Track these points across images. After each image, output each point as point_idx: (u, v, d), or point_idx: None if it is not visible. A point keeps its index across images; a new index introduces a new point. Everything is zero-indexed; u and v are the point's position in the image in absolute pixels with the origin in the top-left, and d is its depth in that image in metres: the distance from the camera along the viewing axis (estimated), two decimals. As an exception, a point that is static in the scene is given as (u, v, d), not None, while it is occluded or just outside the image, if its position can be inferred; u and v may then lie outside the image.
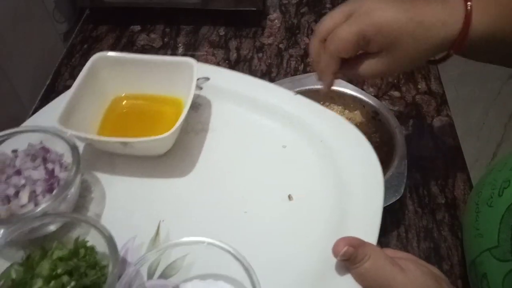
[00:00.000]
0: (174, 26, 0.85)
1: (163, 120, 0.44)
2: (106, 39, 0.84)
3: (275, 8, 0.89)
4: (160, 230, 0.40)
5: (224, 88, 0.50)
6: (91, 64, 0.46)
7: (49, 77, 0.78)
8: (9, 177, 0.38)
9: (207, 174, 0.44)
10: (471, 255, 0.47)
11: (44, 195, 0.37)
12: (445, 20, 0.38)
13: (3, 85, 0.66)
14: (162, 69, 0.47)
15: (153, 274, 0.36)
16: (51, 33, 0.80)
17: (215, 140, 0.47)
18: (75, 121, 0.42)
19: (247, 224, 0.40)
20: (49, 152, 0.41)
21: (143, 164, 0.45)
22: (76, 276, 0.33)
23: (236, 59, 0.79)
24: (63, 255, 0.34)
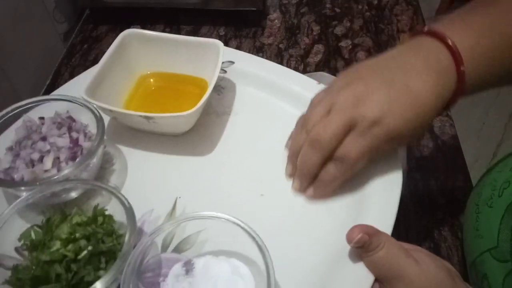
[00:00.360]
0: (174, 26, 0.85)
1: (187, 100, 0.44)
2: (106, 39, 0.84)
3: (275, 8, 0.89)
4: (177, 206, 0.40)
5: (248, 72, 0.50)
6: (120, 40, 0.47)
7: (49, 77, 0.78)
8: (34, 142, 0.39)
9: (226, 155, 0.45)
10: (471, 256, 0.47)
11: (67, 162, 0.38)
12: (442, 92, 0.37)
13: (3, 85, 0.66)
14: (189, 49, 0.48)
15: (167, 247, 0.37)
16: (51, 33, 0.80)
17: (236, 123, 0.47)
18: (102, 94, 0.42)
19: (263, 206, 0.40)
20: (74, 122, 0.41)
21: (164, 141, 0.45)
22: (93, 241, 0.33)
23: (236, 59, 0.79)
24: (82, 221, 0.34)
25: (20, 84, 0.70)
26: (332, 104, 0.38)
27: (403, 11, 0.87)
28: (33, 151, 0.38)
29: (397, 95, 0.36)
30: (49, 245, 0.33)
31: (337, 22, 0.85)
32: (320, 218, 0.39)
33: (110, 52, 0.45)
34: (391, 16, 0.86)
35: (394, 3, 0.89)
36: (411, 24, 0.84)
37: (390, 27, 0.83)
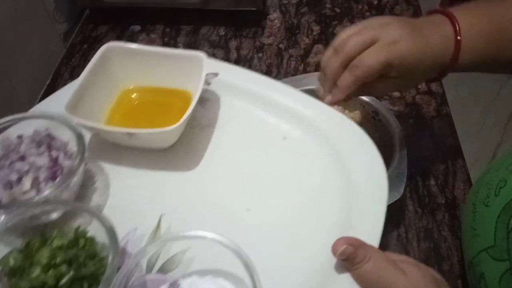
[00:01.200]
0: (174, 26, 0.86)
1: (170, 113, 0.44)
2: (106, 39, 0.84)
3: (275, 8, 0.89)
4: (161, 223, 0.39)
5: (233, 84, 0.49)
6: (101, 53, 0.45)
7: (49, 77, 0.78)
8: (12, 162, 0.38)
9: (210, 170, 0.44)
10: (469, 255, 0.47)
11: (46, 182, 0.37)
12: (443, 51, 0.44)
13: (3, 85, 0.66)
14: (172, 62, 0.47)
15: (152, 267, 0.36)
16: (51, 33, 0.80)
17: (220, 136, 0.47)
18: (83, 109, 0.41)
19: (249, 222, 0.40)
20: (54, 140, 0.40)
21: (147, 157, 0.45)
22: (75, 266, 0.32)
23: (236, 59, 0.79)
24: (63, 244, 0.33)
25: (20, 84, 0.70)
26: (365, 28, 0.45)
27: (403, 11, 0.87)
28: (11, 172, 0.37)
29: (415, 34, 0.44)
30: (28, 271, 0.32)
31: (337, 22, 0.85)
32: (307, 231, 0.38)
33: (90, 66, 0.44)
34: (391, 16, 0.86)
35: (394, 3, 0.89)
36: (411, 24, 0.84)
37: None
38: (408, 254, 0.53)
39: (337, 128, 0.44)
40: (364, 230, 0.36)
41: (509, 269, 0.39)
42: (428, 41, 0.44)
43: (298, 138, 0.45)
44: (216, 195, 0.42)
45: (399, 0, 0.89)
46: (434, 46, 0.44)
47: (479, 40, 0.44)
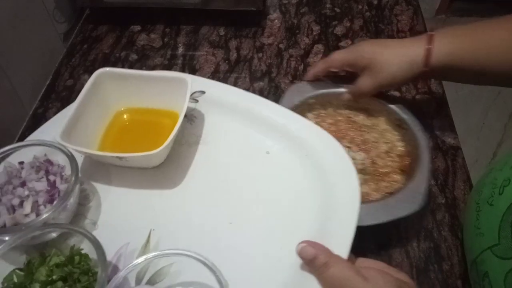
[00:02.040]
0: (174, 26, 0.86)
1: (161, 133, 0.46)
2: (106, 39, 0.84)
3: (275, 8, 0.89)
4: (151, 238, 0.42)
5: (219, 101, 0.51)
6: (93, 79, 0.48)
7: (49, 77, 0.78)
8: (15, 187, 0.41)
9: (197, 186, 0.46)
10: (472, 254, 0.47)
11: (45, 205, 0.40)
12: (412, 59, 0.53)
13: (3, 85, 0.66)
14: (160, 84, 0.49)
15: (141, 279, 0.38)
16: (51, 33, 0.80)
17: (206, 153, 0.49)
18: (77, 135, 0.44)
19: (231, 234, 0.42)
20: (52, 165, 0.43)
21: (137, 175, 0.47)
22: (70, 281, 0.35)
23: (236, 59, 0.79)
24: (60, 262, 0.37)
25: (20, 84, 0.70)
26: None
27: (403, 11, 0.87)
28: (13, 197, 0.40)
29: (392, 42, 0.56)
30: (31, 285, 0.35)
31: (337, 22, 0.85)
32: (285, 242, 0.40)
33: (84, 93, 0.46)
34: (391, 16, 0.86)
35: (394, 3, 0.89)
36: (411, 24, 0.84)
37: (390, 27, 0.83)
38: (408, 254, 0.53)
39: (317, 142, 0.47)
40: (336, 240, 0.39)
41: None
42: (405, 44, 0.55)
43: (280, 152, 0.48)
44: (201, 209, 0.44)
45: (399, 0, 0.89)
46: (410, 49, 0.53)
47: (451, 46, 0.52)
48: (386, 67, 0.54)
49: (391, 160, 0.57)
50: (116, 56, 0.80)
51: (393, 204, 0.50)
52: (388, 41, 0.57)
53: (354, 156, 0.58)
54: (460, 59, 0.51)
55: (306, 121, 0.48)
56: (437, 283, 0.51)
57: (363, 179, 0.55)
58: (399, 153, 0.58)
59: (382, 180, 0.55)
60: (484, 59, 0.51)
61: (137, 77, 0.50)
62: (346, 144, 0.59)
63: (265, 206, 0.44)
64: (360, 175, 0.56)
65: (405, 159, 0.57)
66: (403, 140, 0.59)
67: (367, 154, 0.58)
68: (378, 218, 0.48)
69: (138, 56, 0.80)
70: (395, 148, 0.58)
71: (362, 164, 0.57)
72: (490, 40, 0.50)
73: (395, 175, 0.56)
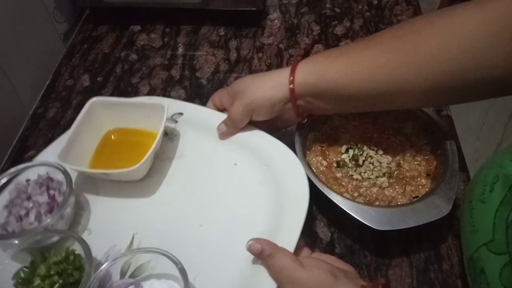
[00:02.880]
0: (174, 26, 0.86)
1: (143, 151, 0.53)
2: (106, 39, 0.84)
3: (275, 8, 0.89)
4: (134, 240, 0.50)
5: (194, 121, 0.59)
6: (87, 108, 0.56)
7: (49, 77, 0.78)
8: (22, 201, 0.50)
9: (173, 194, 0.54)
10: (468, 252, 0.47)
11: (46, 214, 0.49)
12: (279, 81, 0.51)
13: (3, 85, 0.66)
14: (142, 109, 0.57)
15: (125, 273, 0.46)
16: (51, 33, 0.80)
17: (183, 165, 0.57)
18: (72, 155, 0.52)
19: (200, 234, 0.50)
20: (52, 181, 0.52)
21: (124, 187, 0.55)
22: (64, 275, 0.44)
23: (236, 59, 0.79)
24: (57, 260, 0.45)
25: (20, 84, 0.70)
26: None
27: (403, 11, 0.87)
28: (21, 209, 0.49)
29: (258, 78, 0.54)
30: (32, 281, 0.44)
31: (337, 22, 0.85)
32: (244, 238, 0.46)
33: (79, 119, 0.55)
34: (391, 16, 0.86)
35: (394, 3, 0.89)
36: (411, 24, 0.84)
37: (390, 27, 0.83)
38: (408, 254, 0.53)
39: (275, 154, 0.54)
40: (285, 236, 0.47)
41: (508, 262, 0.39)
42: (263, 74, 0.54)
43: (245, 163, 0.55)
44: (177, 215, 0.52)
45: (399, 0, 0.89)
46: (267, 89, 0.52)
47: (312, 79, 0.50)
48: (256, 89, 0.53)
49: (417, 164, 0.57)
50: (116, 56, 0.80)
51: (421, 208, 0.49)
52: (259, 73, 0.55)
53: (379, 159, 0.58)
54: (325, 84, 0.49)
55: (267, 135, 0.56)
56: (437, 283, 0.51)
57: (389, 183, 0.55)
58: (425, 157, 0.57)
59: (408, 184, 0.55)
60: (347, 85, 0.48)
61: (124, 104, 0.59)
62: (372, 147, 0.59)
63: (231, 210, 0.52)
64: (385, 178, 0.56)
65: (432, 163, 0.56)
66: (429, 144, 0.58)
67: (393, 157, 0.58)
68: (406, 223, 0.48)
69: (138, 56, 0.80)
70: (421, 152, 0.58)
71: (388, 168, 0.57)
72: (354, 65, 0.48)
73: (421, 179, 0.55)
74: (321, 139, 0.60)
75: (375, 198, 0.54)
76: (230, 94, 0.56)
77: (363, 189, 0.55)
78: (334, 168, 0.57)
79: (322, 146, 0.59)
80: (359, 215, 0.49)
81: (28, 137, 0.69)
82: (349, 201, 0.50)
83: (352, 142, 0.60)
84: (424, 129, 0.59)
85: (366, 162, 0.58)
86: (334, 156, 0.59)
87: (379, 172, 0.57)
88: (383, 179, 0.56)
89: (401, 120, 0.61)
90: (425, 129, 0.59)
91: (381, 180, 0.56)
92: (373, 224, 0.48)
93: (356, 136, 0.60)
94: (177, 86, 0.75)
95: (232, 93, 0.56)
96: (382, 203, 0.54)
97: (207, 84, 0.75)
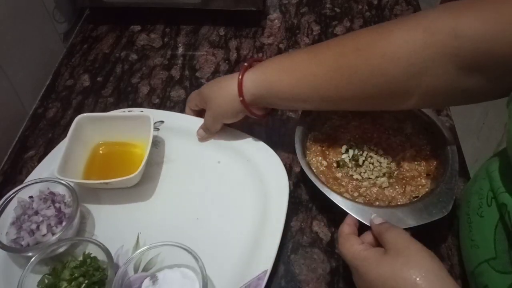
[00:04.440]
0: (174, 26, 0.86)
1: (132, 159, 0.60)
2: (106, 39, 0.84)
3: (275, 8, 0.89)
4: (139, 239, 0.55)
5: (175, 127, 0.64)
6: (75, 124, 0.60)
7: (49, 77, 0.78)
8: (30, 216, 0.53)
9: (167, 194, 0.59)
10: (469, 265, 0.47)
11: (57, 226, 0.52)
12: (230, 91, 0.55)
13: (3, 85, 0.66)
14: (128, 122, 0.61)
15: (137, 269, 0.51)
16: (51, 33, 0.80)
17: (172, 168, 0.62)
18: (68, 169, 0.56)
19: (199, 226, 0.56)
20: (55, 195, 0.56)
21: (120, 193, 0.59)
22: (88, 276, 0.49)
23: (236, 59, 0.79)
24: (76, 265, 0.50)
25: (20, 84, 0.70)
26: None
27: (403, 11, 0.87)
28: (31, 223, 0.52)
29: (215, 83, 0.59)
30: (59, 285, 0.49)
31: (337, 22, 0.85)
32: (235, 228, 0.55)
33: (69, 135, 0.58)
34: (391, 16, 0.86)
35: (394, 3, 0.89)
36: (411, 24, 0.84)
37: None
38: (408, 254, 0.53)
39: (255, 151, 0.60)
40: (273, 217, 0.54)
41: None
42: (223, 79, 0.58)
43: (228, 161, 0.61)
44: (174, 211, 0.57)
45: (399, 0, 0.89)
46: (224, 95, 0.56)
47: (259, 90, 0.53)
48: (218, 102, 0.57)
49: (417, 164, 0.57)
50: (116, 56, 0.80)
51: (421, 208, 0.49)
52: (222, 78, 0.59)
53: (379, 159, 0.58)
54: (274, 96, 0.53)
55: (245, 135, 0.62)
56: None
57: (389, 183, 0.55)
58: (425, 157, 0.57)
59: (408, 184, 0.55)
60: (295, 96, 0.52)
61: (110, 118, 0.63)
62: (372, 147, 0.59)
63: (222, 201, 0.58)
64: (385, 178, 0.56)
65: (432, 163, 0.56)
66: (429, 144, 0.58)
67: (393, 157, 0.58)
68: (406, 223, 0.48)
69: (138, 56, 0.80)
70: (421, 152, 0.58)
71: (388, 168, 0.57)
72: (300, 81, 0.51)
73: (421, 179, 0.55)
74: (321, 139, 0.60)
75: (375, 198, 0.54)
76: (202, 98, 0.60)
77: (363, 189, 0.55)
78: (334, 168, 0.57)
79: (322, 146, 0.59)
80: (359, 215, 0.49)
81: (28, 137, 0.69)
82: (349, 201, 0.50)
83: (352, 142, 0.60)
84: (424, 129, 0.59)
85: (366, 162, 0.58)
86: (334, 156, 0.59)
87: (379, 172, 0.57)
88: (383, 179, 0.56)
89: (401, 120, 0.61)
90: (425, 129, 0.59)
91: (381, 180, 0.56)
92: None
93: (356, 136, 0.60)
94: (177, 86, 0.75)
95: (203, 98, 0.60)
96: (382, 203, 0.54)
97: (207, 84, 0.75)
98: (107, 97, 0.74)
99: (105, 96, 0.74)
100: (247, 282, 0.49)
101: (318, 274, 0.52)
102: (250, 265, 0.51)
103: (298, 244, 0.55)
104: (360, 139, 0.60)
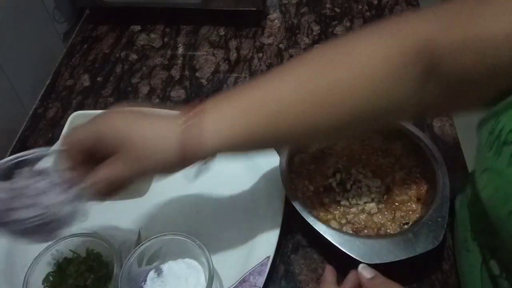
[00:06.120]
0: (174, 26, 0.86)
1: None
2: (106, 39, 0.84)
3: (275, 8, 0.89)
4: (141, 234, 0.56)
5: None
6: (70, 121, 0.61)
7: (49, 77, 0.78)
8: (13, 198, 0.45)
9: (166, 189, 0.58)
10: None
11: None
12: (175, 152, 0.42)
13: (3, 85, 0.66)
14: None
15: (141, 262, 0.51)
16: (51, 33, 0.80)
17: None
18: None
19: (199, 219, 0.57)
20: None
21: None
22: (94, 271, 0.50)
23: (236, 59, 0.79)
24: (81, 260, 0.51)
25: (20, 84, 0.70)
26: None
27: (403, 11, 0.87)
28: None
29: None
30: (66, 280, 0.49)
31: (337, 22, 0.85)
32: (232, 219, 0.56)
33: (65, 132, 0.60)
34: (391, 16, 0.86)
35: (394, 3, 0.89)
36: (411, 24, 0.84)
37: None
38: (408, 254, 0.53)
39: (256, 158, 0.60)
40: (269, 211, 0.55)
41: None
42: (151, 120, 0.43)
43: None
44: (173, 206, 0.59)
45: (399, 0, 0.89)
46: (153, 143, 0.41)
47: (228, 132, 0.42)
48: (148, 147, 0.41)
49: (407, 187, 0.55)
50: (116, 56, 0.80)
51: (411, 239, 0.47)
52: (144, 116, 0.43)
53: (368, 183, 0.56)
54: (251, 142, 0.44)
55: None
56: (437, 283, 0.51)
57: (378, 208, 0.54)
58: (415, 180, 0.55)
59: (398, 209, 0.53)
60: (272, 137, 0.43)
61: None
62: (360, 170, 0.57)
63: (220, 194, 0.59)
64: (374, 204, 0.54)
65: (422, 187, 0.55)
66: (419, 166, 0.56)
67: (382, 180, 0.56)
68: (395, 255, 0.47)
69: (138, 56, 0.80)
70: (411, 174, 0.56)
71: (377, 192, 0.55)
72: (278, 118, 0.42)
73: (412, 204, 0.54)
74: (308, 162, 0.58)
75: (364, 225, 0.52)
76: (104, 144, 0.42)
77: (351, 215, 0.53)
78: (321, 193, 0.56)
79: (309, 169, 0.58)
80: (346, 247, 0.47)
81: (28, 137, 0.69)
82: (335, 232, 0.49)
83: (339, 165, 0.58)
84: (413, 151, 0.57)
85: (354, 187, 0.56)
86: (321, 180, 0.57)
87: (367, 197, 0.55)
88: (372, 205, 0.54)
89: (391, 141, 0.59)
90: (414, 151, 0.57)
91: (369, 206, 0.54)
92: (361, 257, 0.46)
93: (343, 158, 0.58)
94: (177, 86, 0.75)
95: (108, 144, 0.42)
96: (371, 231, 0.52)
97: (207, 84, 0.75)
98: (107, 97, 0.74)
99: (105, 96, 0.74)
100: (250, 268, 0.51)
101: (318, 274, 0.52)
102: (253, 253, 0.52)
103: (298, 244, 0.55)
104: (348, 160, 0.58)
